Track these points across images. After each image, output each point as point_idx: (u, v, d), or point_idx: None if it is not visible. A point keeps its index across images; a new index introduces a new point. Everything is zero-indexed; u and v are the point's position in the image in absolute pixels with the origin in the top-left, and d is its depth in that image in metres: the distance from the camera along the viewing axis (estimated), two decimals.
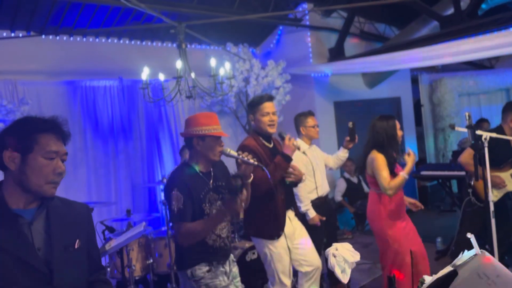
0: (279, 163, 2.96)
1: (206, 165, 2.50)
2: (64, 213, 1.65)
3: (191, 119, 2.47)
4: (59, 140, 1.60)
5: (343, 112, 7.32)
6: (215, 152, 2.42)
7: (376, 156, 3.21)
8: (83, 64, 5.71)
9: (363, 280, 4.54)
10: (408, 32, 6.96)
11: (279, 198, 3.07)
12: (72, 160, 5.49)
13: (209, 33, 6.38)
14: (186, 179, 2.40)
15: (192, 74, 4.55)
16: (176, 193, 2.34)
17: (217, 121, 2.47)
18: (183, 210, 2.34)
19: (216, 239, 2.48)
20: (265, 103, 3.08)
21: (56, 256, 1.54)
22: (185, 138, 2.51)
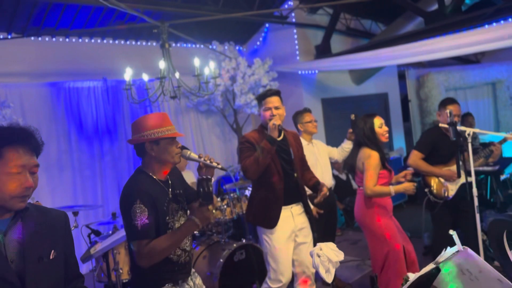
0: (263, 146, 2.93)
1: (164, 172, 2.21)
2: (39, 223, 1.59)
3: (140, 123, 2.14)
4: (28, 153, 1.51)
5: (330, 109, 7.33)
6: (172, 154, 2.15)
7: (371, 153, 3.23)
8: (66, 65, 5.63)
9: (352, 277, 4.55)
10: (393, 28, 6.98)
11: (276, 187, 3.06)
12: (56, 162, 5.42)
13: (194, 32, 6.33)
14: (149, 189, 2.07)
15: (177, 74, 4.50)
16: (139, 205, 2.00)
17: (169, 121, 2.19)
18: (148, 226, 2.01)
19: (181, 254, 2.20)
20: (268, 98, 3.07)
21: (29, 267, 1.50)
22: (134, 145, 2.18)
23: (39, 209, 1.66)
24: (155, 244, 2.03)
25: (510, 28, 4.38)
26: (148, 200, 2.04)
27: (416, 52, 5.25)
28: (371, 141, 3.26)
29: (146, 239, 2.02)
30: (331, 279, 2.43)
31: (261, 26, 7.34)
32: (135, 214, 2.00)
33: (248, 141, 3.09)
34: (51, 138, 5.42)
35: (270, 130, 2.95)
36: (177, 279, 2.19)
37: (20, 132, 1.52)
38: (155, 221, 2.06)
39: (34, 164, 1.53)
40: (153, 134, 2.10)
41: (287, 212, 3.13)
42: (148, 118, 2.17)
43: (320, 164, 4.04)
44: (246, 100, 6.36)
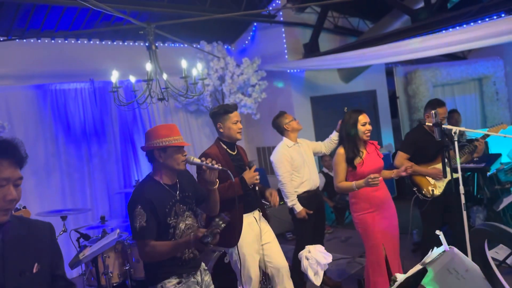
0: (235, 185, 2.93)
1: (172, 177, 2.47)
2: (22, 236, 1.57)
3: (151, 132, 2.44)
4: (12, 165, 1.50)
5: (320, 107, 7.36)
6: (178, 161, 2.40)
7: (338, 151, 3.36)
8: (53, 67, 5.57)
9: (343, 275, 4.58)
10: (381, 26, 7.01)
11: (236, 206, 3.02)
12: (44, 166, 5.37)
13: (182, 32, 6.30)
14: (150, 194, 2.35)
15: (164, 76, 4.47)
16: (139, 210, 2.30)
17: (178, 132, 2.45)
18: (146, 228, 2.29)
19: (185, 251, 2.44)
20: (235, 112, 3.19)
21: (9, 282, 1.48)
22: (146, 151, 2.47)
23: (22, 221, 1.64)
24: (155, 245, 2.31)
25: (494, 27, 4.42)
26: (148, 206, 2.31)
27: (404, 50, 5.29)
28: (349, 136, 3.30)
29: (144, 239, 2.30)
30: (320, 282, 2.47)
31: (249, 25, 7.33)
32: (135, 218, 2.30)
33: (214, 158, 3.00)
34: (38, 141, 5.37)
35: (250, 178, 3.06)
36: (181, 273, 2.43)
37: (4, 145, 1.51)
38: (154, 223, 2.33)
39: (18, 177, 1.52)
40: (161, 143, 2.37)
41: (251, 218, 3.24)
42: (158, 128, 2.47)
43: (307, 164, 4.06)
44: (235, 99, 6.35)
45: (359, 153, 3.29)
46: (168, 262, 2.39)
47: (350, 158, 3.26)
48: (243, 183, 3.07)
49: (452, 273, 1.94)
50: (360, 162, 3.28)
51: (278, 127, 4.14)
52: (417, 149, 3.88)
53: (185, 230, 2.44)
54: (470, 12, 5.18)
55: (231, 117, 3.16)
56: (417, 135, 3.98)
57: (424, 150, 3.85)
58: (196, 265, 2.53)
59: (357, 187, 3.20)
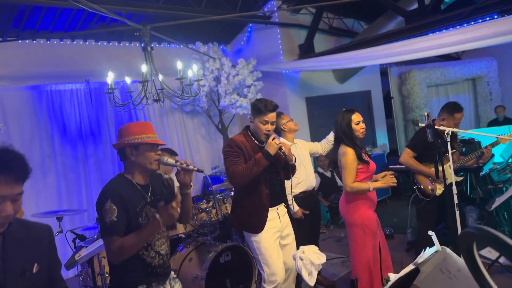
0: (258, 159, 2.98)
1: (143, 177, 2.34)
2: (22, 237, 1.60)
3: (123, 129, 2.32)
4: (11, 182, 1.44)
5: (315, 107, 7.40)
6: (151, 160, 2.27)
7: (346, 151, 3.27)
8: (48, 68, 5.57)
9: (337, 274, 4.61)
10: (375, 27, 7.06)
11: (263, 192, 3.12)
12: (40, 167, 5.37)
13: (177, 33, 6.32)
14: (121, 191, 2.22)
15: (160, 77, 4.49)
16: (110, 204, 2.15)
17: (152, 129, 2.33)
18: (116, 223, 2.14)
19: (154, 256, 2.31)
20: (269, 114, 3.10)
21: (11, 282, 1.50)
22: (118, 149, 2.33)
23: (22, 223, 1.66)
24: (123, 241, 2.15)
25: (487, 28, 4.48)
26: (118, 200, 2.18)
27: (398, 51, 5.33)
28: (347, 137, 3.30)
29: (114, 235, 2.15)
30: (314, 282, 2.49)
31: (245, 26, 7.36)
32: (105, 213, 2.15)
33: (237, 146, 3.09)
34: (34, 142, 5.37)
35: (269, 146, 2.99)
36: (150, 281, 2.29)
37: (4, 159, 1.45)
38: (124, 220, 2.19)
39: (16, 193, 1.47)
40: (134, 140, 2.25)
41: (274, 214, 3.21)
42: (131, 125, 2.34)
43: (303, 164, 4.09)
44: (230, 100, 6.38)
45: (361, 150, 3.31)
46: (136, 267, 2.26)
47: (360, 154, 3.25)
48: (267, 155, 2.98)
49: (445, 272, 1.98)
50: (367, 158, 3.31)
51: (275, 128, 4.16)
52: (425, 149, 3.86)
53: (155, 235, 2.31)
54: (463, 13, 5.24)
55: (261, 116, 3.10)
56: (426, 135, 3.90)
57: (431, 151, 3.76)
58: (166, 273, 2.40)
59: (375, 188, 3.20)
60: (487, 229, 1.18)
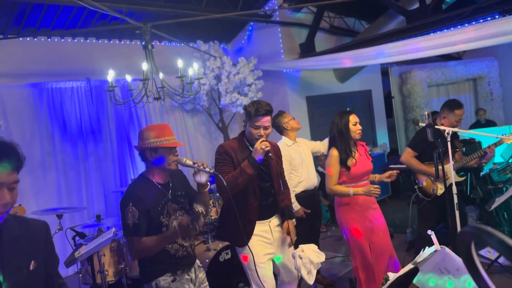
0: (243, 168, 2.81)
1: (164, 176, 2.51)
2: (19, 234, 1.59)
3: (142, 132, 2.47)
4: (7, 170, 1.47)
5: (315, 106, 7.40)
6: (169, 162, 2.43)
7: (331, 153, 3.32)
8: (49, 66, 5.57)
9: (337, 273, 4.62)
10: (376, 26, 7.06)
11: (251, 205, 2.93)
12: (40, 164, 5.38)
13: (178, 31, 6.32)
14: (143, 193, 2.40)
15: (160, 75, 4.49)
16: (131, 208, 2.34)
17: (170, 132, 2.47)
18: (137, 225, 2.34)
19: (178, 248, 2.49)
20: (261, 118, 2.87)
21: (8, 279, 1.50)
22: (138, 151, 2.51)
23: (18, 220, 1.66)
24: (144, 242, 2.36)
25: (488, 28, 4.47)
26: (139, 204, 2.36)
27: (399, 51, 5.33)
28: (342, 137, 3.30)
29: (136, 236, 2.36)
30: (313, 280, 2.50)
31: (246, 25, 7.35)
32: (128, 215, 2.35)
33: (226, 153, 2.93)
34: (35, 140, 5.38)
35: (255, 152, 2.82)
36: (175, 270, 2.47)
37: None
38: (145, 221, 2.38)
39: (13, 180, 1.49)
40: (153, 143, 2.39)
41: (265, 227, 3.03)
42: (150, 128, 2.51)
43: (305, 163, 4.09)
44: (231, 99, 6.38)
45: (351, 153, 3.29)
46: (162, 259, 2.44)
47: (344, 159, 3.25)
48: (253, 163, 2.80)
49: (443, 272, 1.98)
50: (354, 162, 3.29)
51: (278, 126, 4.14)
52: (426, 148, 3.78)
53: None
54: (464, 13, 5.23)
55: (253, 120, 2.88)
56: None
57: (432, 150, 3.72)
58: (190, 262, 2.58)
59: (354, 194, 3.18)
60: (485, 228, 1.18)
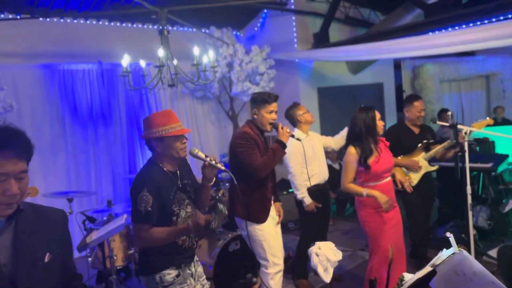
0: (277, 149, 3.16)
1: (173, 164, 2.43)
2: (35, 224, 1.54)
3: (147, 121, 2.38)
4: (13, 158, 1.39)
5: (326, 98, 7.32)
6: (177, 150, 2.36)
7: (349, 151, 3.27)
8: (61, 47, 5.52)
9: (344, 268, 4.62)
10: (392, 18, 6.93)
11: (268, 185, 3.32)
12: (50, 146, 5.38)
13: (192, 16, 6.22)
14: (157, 179, 2.31)
15: (174, 61, 4.43)
16: (146, 193, 2.25)
17: (175, 119, 2.38)
18: (150, 213, 2.25)
19: (185, 239, 2.43)
20: (273, 103, 3.27)
21: (22, 271, 1.45)
22: (145, 140, 2.43)
23: (35, 209, 1.59)
24: (153, 232, 2.27)
25: (507, 28, 4.38)
26: (154, 189, 2.27)
27: (415, 46, 5.24)
28: (370, 132, 3.24)
29: (147, 224, 2.27)
30: (330, 278, 2.47)
31: (259, 12, 7.24)
32: (141, 201, 2.25)
33: (252, 139, 3.20)
34: (45, 121, 5.36)
35: (282, 135, 3.17)
36: (179, 263, 2.40)
37: (5, 134, 1.40)
38: (159, 209, 2.29)
39: (20, 170, 1.42)
40: (158, 132, 2.31)
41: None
42: (154, 116, 2.40)
43: (317, 157, 4.07)
44: (243, 88, 6.32)
45: (376, 149, 3.25)
46: (169, 250, 2.35)
47: (366, 156, 3.19)
48: (282, 144, 3.17)
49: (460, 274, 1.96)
50: (376, 158, 3.22)
51: (292, 118, 4.11)
52: (397, 142, 4.09)
53: (185, 219, 2.40)
54: (485, 9, 5.12)
55: (267, 106, 3.24)
56: (398, 129, 4.35)
57: (403, 143, 4.14)
58: (193, 255, 2.53)
59: (368, 195, 3.16)
60: None
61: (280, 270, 3.36)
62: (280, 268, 3.35)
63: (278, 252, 3.35)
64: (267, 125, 3.26)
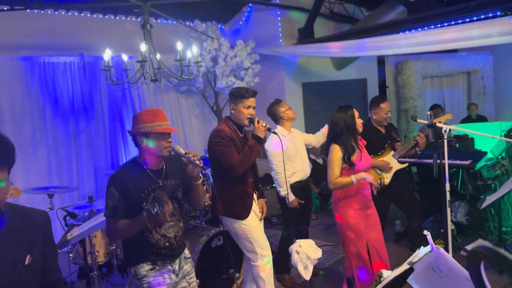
0: (253, 145, 3.18)
1: (156, 162, 2.43)
2: (16, 226, 1.51)
3: (135, 117, 2.42)
4: None
5: (311, 93, 7.36)
6: (161, 148, 2.36)
7: (333, 148, 3.27)
8: (41, 39, 5.41)
9: (325, 262, 4.66)
10: (376, 15, 6.99)
11: (248, 181, 3.33)
12: (30, 140, 5.29)
13: (176, 9, 6.16)
14: (128, 177, 2.35)
15: (158, 56, 4.39)
16: (112, 190, 2.31)
17: (163, 117, 2.40)
18: (115, 208, 2.31)
19: (160, 238, 2.43)
20: (251, 98, 3.26)
21: (1, 274, 1.42)
22: (132, 136, 2.44)
23: (17, 210, 1.56)
24: (119, 225, 2.33)
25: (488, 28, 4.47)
26: (120, 186, 2.32)
27: (399, 44, 5.30)
28: (350, 130, 3.26)
29: (112, 218, 2.33)
30: (309, 276, 2.51)
31: (244, 6, 7.21)
32: (109, 196, 2.33)
33: (227, 136, 3.19)
34: (25, 115, 5.27)
35: (258, 130, 3.17)
36: (155, 260, 2.43)
37: None
38: (125, 205, 2.32)
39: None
40: (144, 128, 2.33)
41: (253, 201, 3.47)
42: (142, 113, 2.43)
43: (299, 154, 4.08)
44: (227, 82, 6.30)
45: (358, 147, 3.28)
46: (143, 248, 2.41)
47: (350, 154, 3.22)
48: (259, 140, 3.19)
49: (436, 271, 2.01)
50: (359, 156, 3.26)
51: (274, 115, 4.10)
52: (367, 143, 4.02)
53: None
54: (467, 8, 5.19)
55: (245, 101, 3.24)
56: (368, 131, 4.23)
57: (372, 144, 4.12)
58: (174, 254, 2.51)
59: (357, 180, 3.17)
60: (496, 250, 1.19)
61: (269, 260, 3.41)
62: (269, 259, 3.40)
63: (264, 244, 3.40)
64: (245, 120, 3.25)
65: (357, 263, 3.25)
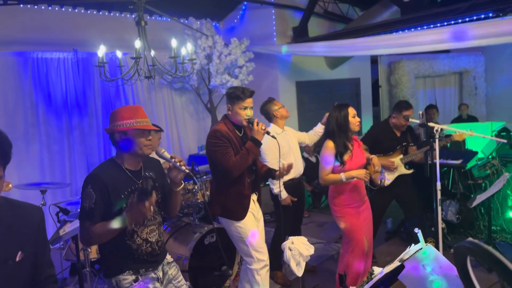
0: (250, 148, 3.11)
1: (134, 162, 2.28)
2: (8, 222, 1.48)
3: (113, 114, 2.25)
4: None
5: (304, 92, 7.39)
6: (141, 145, 2.21)
7: (326, 145, 3.32)
8: (35, 34, 5.38)
9: (317, 259, 4.71)
10: (370, 14, 7.03)
11: (245, 181, 3.25)
12: (23, 136, 5.26)
13: (170, 6, 6.15)
14: (105, 177, 2.16)
15: (152, 53, 4.39)
16: (89, 190, 2.13)
17: (143, 114, 2.25)
18: (92, 210, 2.12)
19: (141, 243, 2.27)
20: (247, 99, 3.18)
21: None
22: (109, 134, 2.28)
23: (11, 205, 1.54)
24: (94, 228, 2.13)
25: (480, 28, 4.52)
26: (98, 187, 2.14)
27: (392, 44, 5.34)
28: (341, 129, 3.30)
29: (87, 221, 2.14)
30: (302, 272, 2.54)
31: (239, 4, 7.21)
32: (85, 197, 2.15)
33: (224, 137, 3.12)
34: (18, 110, 5.24)
35: (257, 133, 3.11)
36: (137, 267, 2.26)
37: None
38: (103, 207, 2.15)
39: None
40: (123, 126, 2.19)
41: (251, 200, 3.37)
42: (121, 109, 2.28)
43: (292, 151, 4.11)
44: (221, 80, 6.30)
45: (349, 147, 3.32)
46: (123, 254, 2.24)
47: (341, 152, 3.26)
48: (257, 142, 3.13)
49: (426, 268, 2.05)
50: (350, 156, 3.29)
51: (267, 113, 4.12)
52: (375, 141, 4.20)
53: (145, 221, 2.26)
54: (459, 9, 5.25)
55: (241, 103, 3.16)
56: (379, 129, 4.41)
57: (382, 143, 4.24)
58: (157, 260, 2.36)
59: (347, 178, 3.22)
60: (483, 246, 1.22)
61: (266, 265, 3.31)
62: (266, 263, 3.31)
63: (261, 247, 3.31)
64: (243, 120, 3.19)
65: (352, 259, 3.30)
